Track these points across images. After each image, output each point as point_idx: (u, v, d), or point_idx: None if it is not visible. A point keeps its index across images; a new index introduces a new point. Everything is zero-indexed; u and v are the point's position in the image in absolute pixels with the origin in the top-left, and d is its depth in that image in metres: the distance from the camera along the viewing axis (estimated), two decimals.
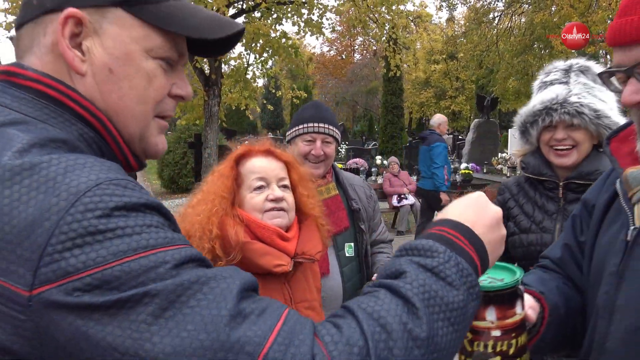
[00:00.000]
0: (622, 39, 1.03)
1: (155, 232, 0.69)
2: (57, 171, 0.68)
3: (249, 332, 0.65)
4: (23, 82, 0.81)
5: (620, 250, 1.14)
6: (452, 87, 37.76)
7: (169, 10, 0.87)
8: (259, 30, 10.92)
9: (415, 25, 11.73)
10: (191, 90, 0.95)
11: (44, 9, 0.83)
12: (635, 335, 1.05)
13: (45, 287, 0.62)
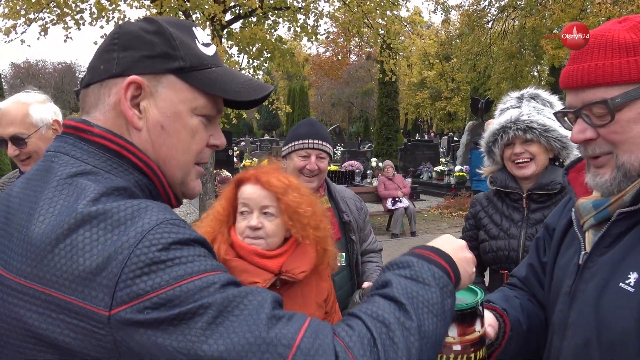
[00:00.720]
0: (572, 83, 1.16)
1: (204, 260, 0.86)
2: (125, 216, 0.85)
3: (283, 330, 0.82)
4: (90, 137, 0.97)
5: (573, 272, 1.26)
6: (448, 88, 37.95)
7: (213, 77, 1.03)
8: (255, 35, 11.03)
9: (410, 30, 11.81)
10: (224, 140, 1.13)
11: (110, 74, 0.99)
12: (583, 350, 1.17)
13: (121, 308, 0.78)
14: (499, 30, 16.92)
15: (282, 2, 11.14)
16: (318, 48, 52.92)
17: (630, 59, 1.08)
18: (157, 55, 0.99)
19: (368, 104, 42.38)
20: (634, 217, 1.14)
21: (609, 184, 1.16)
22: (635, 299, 1.06)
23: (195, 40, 1.05)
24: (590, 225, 1.25)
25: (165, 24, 1.02)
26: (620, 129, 1.11)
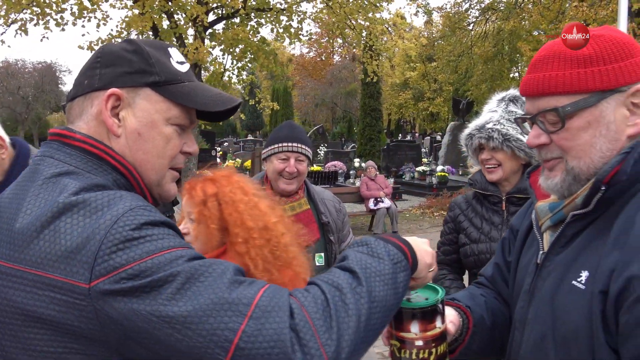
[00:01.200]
0: (529, 91, 1.23)
1: (172, 238, 0.97)
2: (102, 203, 0.96)
3: (244, 292, 0.93)
4: (73, 142, 1.09)
5: (532, 271, 1.32)
6: (430, 88, 38.24)
7: (185, 90, 1.16)
8: (238, 36, 11.06)
9: (392, 32, 11.90)
10: (197, 148, 1.24)
11: (93, 88, 1.11)
12: (540, 344, 1.24)
13: (99, 280, 0.89)
14: (480, 32, 17.15)
15: (265, 3, 11.19)
16: (301, 48, 52.99)
17: (581, 71, 1.15)
18: (135, 71, 1.11)
19: (351, 105, 42.49)
20: (585, 219, 1.19)
21: (559, 187, 1.23)
22: (585, 295, 1.11)
23: (170, 58, 1.18)
24: (548, 227, 1.31)
25: (143, 45, 1.15)
26: (570, 135, 1.18)
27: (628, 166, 1.10)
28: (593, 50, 1.15)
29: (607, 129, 1.15)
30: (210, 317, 0.89)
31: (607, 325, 1.07)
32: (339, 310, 0.96)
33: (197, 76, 11.11)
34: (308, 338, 0.91)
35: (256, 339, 0.88)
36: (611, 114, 1.15)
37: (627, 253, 1.05)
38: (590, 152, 1.17)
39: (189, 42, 11.00)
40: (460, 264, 2.62)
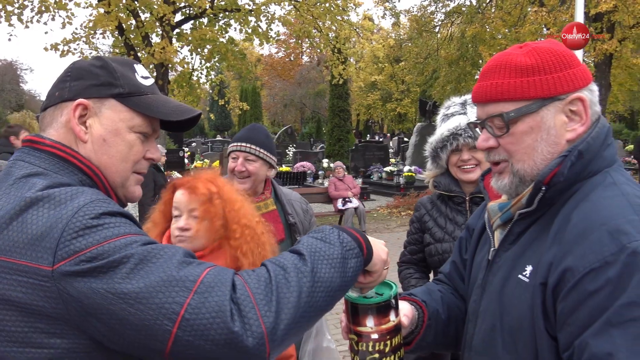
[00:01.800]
0: (478, 98, 1.32)
1: (128, 226, 1.08)
2: (65, 197, 1.06)
3: (191, 271, 1.03)
4: (42, 147, 1.20)
5: (484, 267, 1.40)
6: (398, 89, 38.68)
7: (147, 101, 1.27)
8: (205, 36, 11.01)
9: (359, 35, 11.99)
10: (160, 155, 1.34)
11: (62, 99, 1.23)
12: (490, 334, 1.32)
13: (61, 263, 0.99)
14: (446, 35, 17.48)
15: (233, 3, 11.16)
16: (270, 49, 52.78)
17: (524, 80, 1.23)
18: (101, 84, 1.23)
19: (320, 105, 42.60)
20: (530, 217, 1.27)
21: (507, 187, 1.32)
22: (529, 288, 1.19)
23: (135, 73, 1.29)
24: (498, 225, 1.38)
25: (109, 61, 1.27)
26: (515, 140, 1.27)
27: (565, 168, 1.19)
28: (535, 61, 1.24)
29: (548, 134, 1.24)
30: (160, 293, 0.99)
31: (546, 315, 1.16)
32: (281, 287, 1.06)
33: (164, 76, 11.01)
34: (248, 310, 1.01)
35: (200, 311, 0.99)
36: (551, 120, 1.24)
37: (563, 247, 1.14)
38: (533, 155, 1.26)
39: (155, 41, 10.90)
40: (426, 263, 2.68)
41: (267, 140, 2.65)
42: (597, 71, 13.27)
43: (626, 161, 23.51)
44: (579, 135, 1.25)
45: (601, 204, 1.15)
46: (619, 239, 1.06)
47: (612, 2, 9.98)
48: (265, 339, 1.01)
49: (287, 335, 1.05)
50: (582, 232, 1.12)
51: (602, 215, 1.12)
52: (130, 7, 10.24)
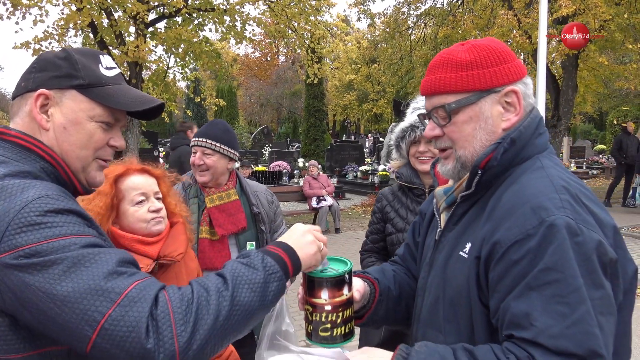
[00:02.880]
0: (425, 91, 1.43)
1: (73, 226, 1.13)
2: (16, 190, 1.13)
3: (119, 283, 1.09)
4: (7, 137, 1.28)
5: (432, 246, 1.53)
6: (374, 90, 38.95)
7: (108, 92, 1.34)
8: (180, 36, 10.99)
9: (332, 35, 12.09)
10: (124, 142, 1.42)
11: (27, 89, 1.31)
12: (435, 306, 1.45)
13: (2, 255, 1.06)
14: (419, 36, 17.74)
15: (207, 3, 11.18)
16: (246, 48, 52.57)
17: (464, 74, 1.35)
18: (62, 75, 1.30)
19: (297, 105, 42.63)
20: (470, 199, 1.40)
21: (451, 172, 1.43)
22: (467, 263, 1.31)
23: (99, 64, 1.36)
24: (444, 208, 1.50)
25: (73, 53, 1.33)
26: (456, 128, 1.39)
27: (499, 154, 1.33)
28: (473, 57, 1.36)
29: (486, 123, 1.37)
30: (85, 300, 1.06)
31: (480, 286, 1.29)
32: (201, 308, 1.13)
33: (138, 74, 10.97)
34: (164, 327, 1.08)
35: (118, 323, 1.06)
36: (488, 110, 1.36)
37: (493, 224, 1.27)
38: (473, 142, 1.38)
39: (129, 40, 10.86)
40: (387, 252, 2.79)
41: (226, 135, 2.77)
42: (564, 72, 13.65)
43: (594, 160, 24.17)
44: (513, 125, 1.37)
45: (528, 185, 1.28)
46: (540, 214, 1.19)
47: (573, 7, 10.32)
48: (177, 357, 1.08)
49: (199, 355, 1.11)
50: (509, 209, 1.25)
51: (527, 194, 1.25)
52: (102, 5, 10.18)
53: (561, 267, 1.13)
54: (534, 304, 1.14)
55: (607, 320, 1.15)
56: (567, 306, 1.11)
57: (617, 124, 26.72)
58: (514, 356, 1.14)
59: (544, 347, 1.11)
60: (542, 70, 8.25)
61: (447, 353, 1.22)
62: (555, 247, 1.14)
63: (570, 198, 1.23)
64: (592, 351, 1.09)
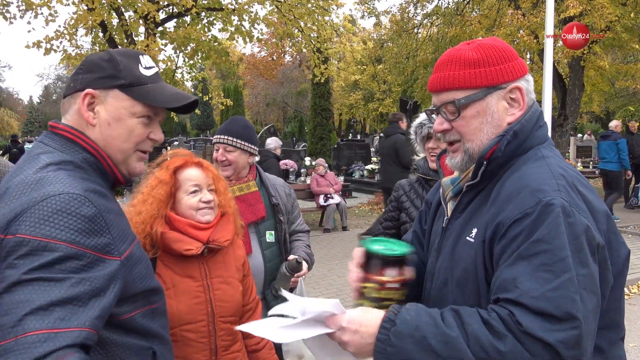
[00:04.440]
0: (433, 88, 1.51)
1: (71, 233, 1.20)
2: (47, 182, 1.25)
3: (31, 323, 1.09)
4: (57, 130, 1.46)
5: (440, 233, 1.61)
6: (380, 89, 38.94)
7: (147, 90, 1.49)
8: (189, 35, 11.11)
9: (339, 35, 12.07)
10: (162, 136, 1.56)
11: (75, 89, 1.47)
12: (443, 289, 1.51)
13: (7, 236, 1.19)
14: (425, 36, 17.76)
15: (217, 2, 11.28)
16: (252, 48, 52.69)
17: (472, 71, 1.43)
18: (106, 76, 1.45)
19: (302, 104, 42.63)
20: (476, 188, 1.49)
21: (459, 164, 1.52)
22: (473, 247, 1.40)
23: (139, 65, 1.49)
24: (450, 197, 1.59)
25: (115, 55, 1.48)
26: (465, 122, 1.47)
27: (502, 145, 1.42)
28: (480, 55, 1.45)
29: (492, 117, 1.46)
30: (5, 316, 1.09)
31: (486, 267, 1.38)
32: None
33: None
34: None
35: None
36: (494, 105, 1.45)
37: (497, 209, 1.37)
38: (480, 135, 1.47)
39: (139, 39, 10.98)
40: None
41: (245, 131, 2.90)
42: (570, 72, 13.66)
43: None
44: (517, 118, 1.46)
45: (528, 173, 1.38)
46: (537, 195, 1.29)
47: (580, 7, 10.35)
48: None
49: None
50: (511, 194, 1.35)
51: (528, 180, 1.35)
52: (114, 5, 10.31)
53: (550, 239, 1.23)
54: (521, 270, 1.24)
55: (589, 297, 1.23)
56: (552, 273, 1.20)
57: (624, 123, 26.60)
58: (496, 314, 1.22)
59: (525, 306, 1.19)
60: (548, 69, 8.30)
61: (434, 312, 1.30)
62: (548, 222, 1.24)
63: (566, 184, 1.33)
64: (569, 314, 1.17)
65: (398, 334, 1.25)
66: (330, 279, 7.66)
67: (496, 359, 1.18)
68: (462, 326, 1.23)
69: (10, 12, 10.63)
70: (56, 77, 51.82)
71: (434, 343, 1.22)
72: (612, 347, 1.41)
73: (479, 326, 1.22)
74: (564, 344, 1.16)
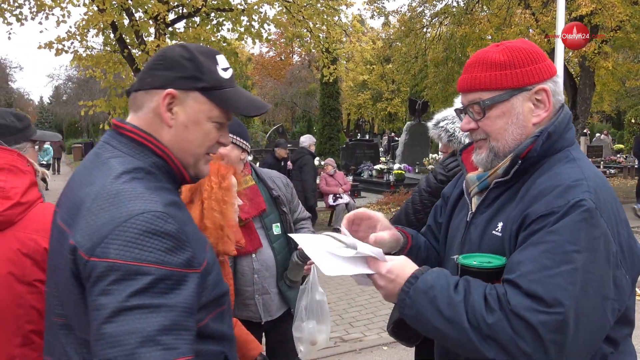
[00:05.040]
0: (461, 88, 1.57)
1: (159, 254, 1.16)
2: (127, 198, 1.20)
3: (147, 354, 1.08)
4: (124, 132, 1.37)
5: (463, 228, 1.65)
6: (388, 89, 38.93)
7: (226, 96, 1.41)
8: (199, 36, 11.17)
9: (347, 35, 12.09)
10: (230, 140, 1.56)
11: (153, 86, 1.37)
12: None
13: (95, 259, 1.15)
14: (434, 35, 17.75)
15: (226, 3, 11.33)
16: (261, 48, 52.79)
17: (498, 73, 1.49)
18: (188, 77, 1.37)
19: (311, 104, 42.71)
20: (504, 185, 1.54)
21: (484, 161, 1.57)
22: (500, 240, 1.47)
23: (216, 65, 1.41)
24: (475, 193, 1.64)
25: (197, 53, 1.39)
26: (490, 122, 1.53)
27: (538, 146, 1.47)
28: (507, 57, 1.50)
29: (517, 118, 1.51)
30: (117, 346, 1.07)
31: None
32: None
33: None
34: None
35: None
36: (520, 106, 1.50)
37: (526, 204, 1.42)
38: (505, 135, 1.52)
39: (149, 40, 11.06)
40: None
41: (238, 127, 2.90)
42: (581, 71, 13.61)
43: (612, 160, 23.95)
44: (542, 119, 1.51)
45: (561, 173, 1.42)
46: (567, 196, 1.33)
47: (592, 6, 10.30)
48: None
49: None
50: (542, 191, 1.40)
51: (561, 179, 1.39)
52: (124, 5, 10.39)
53: (563, 232, 1.29)
54: (528, 255, 1.31)
55: (591, 296, 1.27)
56: (553, 261, 1.27)
57: (635, 122, 26.40)
58: (495, 292, 1.32)
59: (519, 286, 1.28)
60: (559, 69, 8.28)
61: (452, 278, 1.40)
62: (569, 218, 1.30)
63: (596, 187, 1.37)
64: (556, 300, 1.23)
65: (416, 289, 1.38)
66: (340, 277, 7.67)
67: (485, 330, 1.28)
68: (466, 294, 1.33)
69: (22, 14, 10.73)
70: (66, 77, 52.13)
71: (440, 303, 1.33)
72: (624, 341, 1.48)
73: (479, 297, 1.32)
74: (545, 326, 1.23)
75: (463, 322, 1.29)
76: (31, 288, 1.87)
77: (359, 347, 5.20)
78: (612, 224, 1.34)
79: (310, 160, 9.60)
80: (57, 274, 1.28)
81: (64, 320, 1.28)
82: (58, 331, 1.30)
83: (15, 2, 10.47)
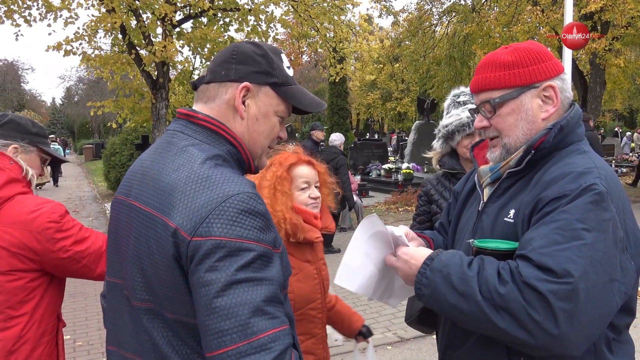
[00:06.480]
0: (474, 89, 1.66)
1: (255, 232, 1.21)
2: (219, 181, 1.25)
3: (259, 323, 1.15)
4: (196, 121, 1.42)
5: (474, 217, 1.73)
6: (398, 89, 38.86)
7: (293, 92, 1.49)
8: (206, 36, 11.20)
9: (355, 35, 12.04)
10: (286, 135, 1.58)
11: (228, 78, 1.43)
12: None
13: (197, 238, 1.18)
14: (442, 34, 17.66)
15: (233, 3, 11.35)
16: None
17: (506, 72, 1.58)
18: (261, 72, 1.44)
19: None
20: (516, 175, 1.61)
21: (498, 158, 1.66)
22: (512, 226, 1.54)
23: (282, 63, 1.49)
24: (487, 184, 1.72)
25: (268, 51, 1.47)
26: (501, 119, 1.61)
27: (551, 137, 1.53)
28: (514, 58, 1.58)
29: (526, 114, 1.58)
30: (227, 320, 1.13)
31: None
32: None
33: (165, 74, 11.23)
34: None
35: (237, 358, 1.12)
36: (529, 103, 1.58)
37: (538, 190, 1.49)
38: (516, 131, 1.60)
39: (156, 40, 11.11)
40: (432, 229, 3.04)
41: None
42: (592, 69, 13.46)
43: (623, 158, 23.70)
44: (551, 115, 1.59)
45: (574, 162, 1.49)
46: (579, 181, 1.40)
47: (601, 3, 10.18)
48: None
49: None
50: (555, 178, 1.47)
51: (573, 167, 1.47)
52: (132, 6, 10.44)
53: (574, 212, 1.35)
54: (539, 232, 1.38)
55: (598, 272, 1.33)
56: (563, 237, 1.34)
57: None
58: (508, 266, 1.39)
59: (530, 259, 1.35)
60: (567, 66, 8.19)
61: (465, 257, 1.48)
62: (580, 200, 1.37)
63: (606, 175, 1.45)
64: (565, 270, 1.30)
65: (432, 269, 1.48)
66: None
67: (497, 300, 1.35)
68: (480, 270, 1.41)
69: (31, 15, 10.82)
70: (77, 78, 52.61)
71: (454, 279, 1.42)
72: (624, 330, 1.56)
73: (492, 272, 1.39)
74: (554, 294, 1.28)
75: (476, 295, 1.37)
76: (8, 277, 1.99)
77: (363, 346, 5.17)
78: (620, 212, 1.41)
79: (344, 160, 9.68)
80: (141, 260, 1.30)
81: (149, 305, 1.31)
82: (141, 316, 1.33)
83: (24, 3, 10.55)
